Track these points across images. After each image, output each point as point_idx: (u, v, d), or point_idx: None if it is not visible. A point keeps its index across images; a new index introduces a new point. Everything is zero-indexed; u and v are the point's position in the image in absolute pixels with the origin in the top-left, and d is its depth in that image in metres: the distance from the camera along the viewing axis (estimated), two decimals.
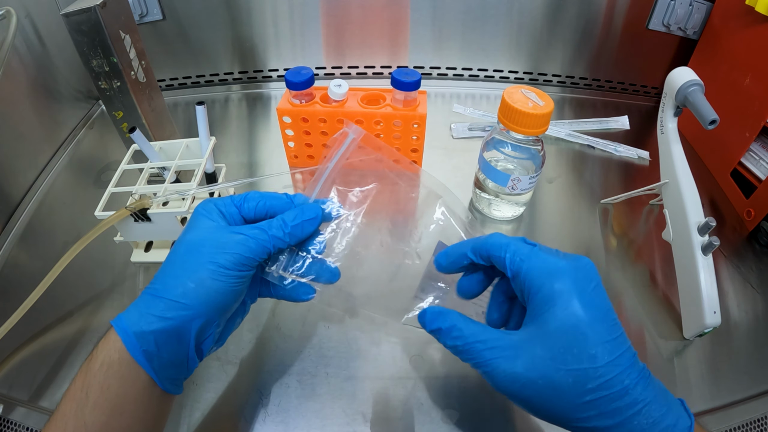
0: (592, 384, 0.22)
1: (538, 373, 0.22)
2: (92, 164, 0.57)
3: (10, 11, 0.45)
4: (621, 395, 0.21)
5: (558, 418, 0.23)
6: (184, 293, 0.25)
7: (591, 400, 0.22)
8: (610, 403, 0.22)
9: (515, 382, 0.23)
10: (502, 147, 0.45)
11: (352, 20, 0.65)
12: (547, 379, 0.22)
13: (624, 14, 0.63)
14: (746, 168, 0.50)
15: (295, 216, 0.28)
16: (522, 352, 0.23)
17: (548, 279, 0.23)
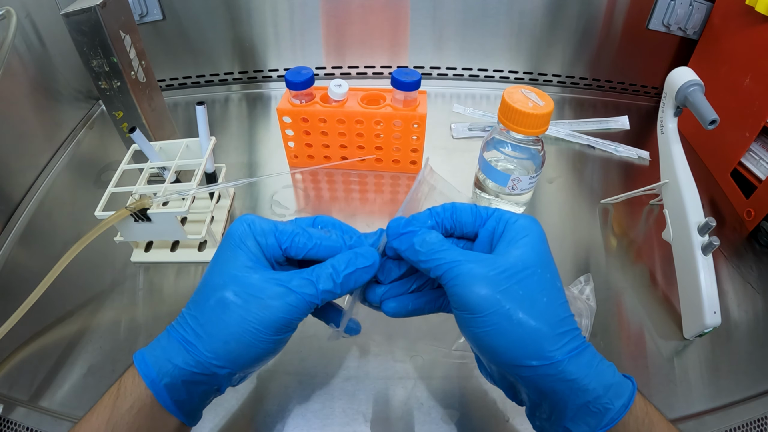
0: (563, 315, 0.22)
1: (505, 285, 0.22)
2: (92, 164, 0.57)
3: (10, 11, 0.45)
4: (576, 326, 0.23)
5: (526, 349, 0.22)
6: (220, 354, 0.23)
7: (562, 331, 0.22)
8: (573, 333, 0.22)
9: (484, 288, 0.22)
10: (502, 147, 0.45)
11: (352, 20, 0.65)
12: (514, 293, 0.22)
13: (624, 14, 0.63)
14: (746, 168, 0.50)
15: (348, 263, 0.24)
16: (499, 264, 0.23)
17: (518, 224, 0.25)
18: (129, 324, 0.40)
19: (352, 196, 0.53)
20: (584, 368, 0.22)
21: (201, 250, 0.45)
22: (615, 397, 0.22)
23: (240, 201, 0.52)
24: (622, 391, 0.22)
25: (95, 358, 0.37)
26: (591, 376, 0.22)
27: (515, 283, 0.22)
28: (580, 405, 0.22)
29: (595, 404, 0.22)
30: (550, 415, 0.23)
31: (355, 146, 0.52)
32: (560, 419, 0.22)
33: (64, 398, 0.35)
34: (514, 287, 0.22)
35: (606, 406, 0.22)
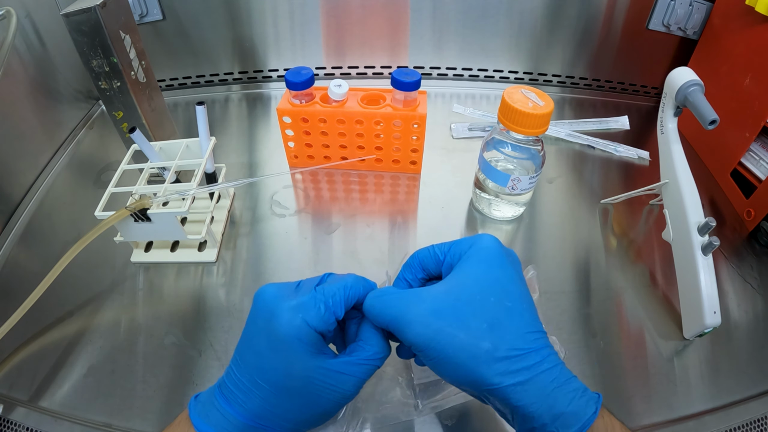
0: (503, 335, 0.23)
1: (446, 317, 0.23)
2: (92, 164, 0.57)
3: (10, 11, 0.45)
4: (531, 351, 0.23)
5: (468, 376, 0.23)
6: (283, 425, 0.25)
7: (503, 356, 0.23)
8: (520, 360, 0.22)
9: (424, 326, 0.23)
10: (502, 147, 0.45)
11: (352, 20, 0.65)
12: (455, 322, 0.23)
13: (624, 14, 0.63)
14: (746, 168, 0.50)
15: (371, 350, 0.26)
16: (432, 297, 0.24)
17: (463, 250, 0.26)
18: (129, 324, 0.40)
19: (352, 196, 0.53)
20: (531, 395, 0.22)
21: (201, 250, 0.45)
22: (562, 426, 0.22)
23: (240, 201, 0.52)
24: (572, 421, 0.22)
25: (95, 358, 0.37)
26: (538, 403, 0.22)
27: (446, 314, 0.23)
28: (528, 429, 0.23)
29: (540, 431, 0.22)
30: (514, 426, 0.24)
31: (355, 146, 0.52)
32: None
33: (64, 398, 0.35)
34: (443, 320, 0.23)
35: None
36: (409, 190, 0.53)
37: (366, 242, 0.47)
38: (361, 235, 0.48)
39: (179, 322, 0.40)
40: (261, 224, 0.49)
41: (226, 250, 0.46)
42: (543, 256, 0.46)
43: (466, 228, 0.49)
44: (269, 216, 0.50)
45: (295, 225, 0.49)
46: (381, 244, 0.47)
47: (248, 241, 0.47)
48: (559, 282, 0.44)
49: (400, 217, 0.50)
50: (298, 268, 0.44)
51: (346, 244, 0.47)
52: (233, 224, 0.49)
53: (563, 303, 0.42)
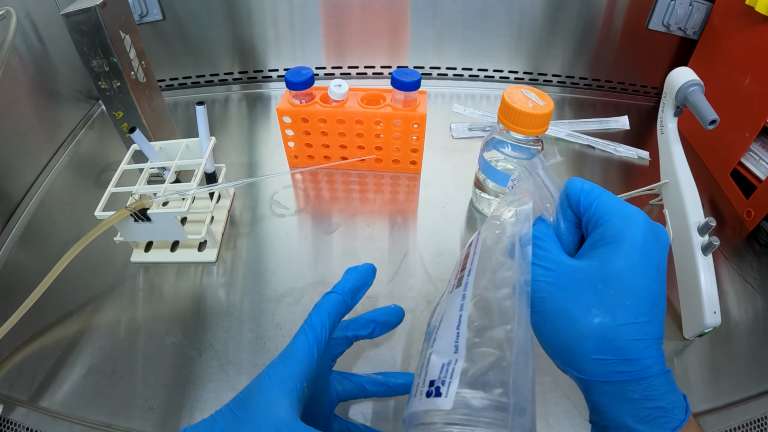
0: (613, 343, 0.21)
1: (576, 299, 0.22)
2: (92, 164, 0.57)
3: (10, 11, 0.45)
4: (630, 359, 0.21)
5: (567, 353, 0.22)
6: None
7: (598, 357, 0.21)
8: (614, 364, 0.21)
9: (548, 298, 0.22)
10: (502, 147, 0.45)
11: (352, 20, 0.65)
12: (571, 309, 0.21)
13: (624, 14, 0.63)
14: (746, 168, 0.50)
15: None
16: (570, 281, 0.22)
17: (620, 217, 0.22)
18: (129, 324, 0.40)
19: (352, 196, 0.53)
20: (604, 396, 0.21)
21: (201, 250, 0.45)
22: None
23: (240, 201, 0.52)
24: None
25: (95, 358, 0.37)
26: (609, 405, 0.21)
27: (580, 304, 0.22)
28: (596, 420, 0.22)
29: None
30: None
31: (355, 146, 0.52)
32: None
33: (64, 398, 0.35)
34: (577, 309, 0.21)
35: None
36: (409, 190, 0.53)
37: (366, 242, 0.47)
38: (361, 235, 0.48)
39: (179, 322, 0.40)
40: (261, 224, 0.49)
41: (226, 250, 0.46)
42: None
43: (465, 228, 0.49)
44: (269, 216, 0.50)
45: (295, 225, 0.49)
46: (381, 244, 0.47)
47: (248, 241, 0.47)
48: None
49: (400, 217, 0.50)
50: (298, 268, 0.44)
51: (346, 244, 0.47)
52: (233, 224, 0.49)
53: None
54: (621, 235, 0.22)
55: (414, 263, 0.45)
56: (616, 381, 0.21)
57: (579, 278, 0.22)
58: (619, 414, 0.21)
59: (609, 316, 0.21)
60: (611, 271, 0.21)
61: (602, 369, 0.21)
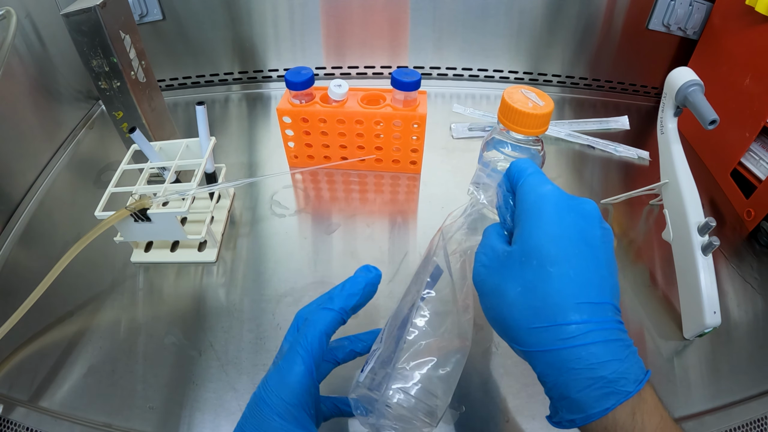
0: (542, 322, 0.22)
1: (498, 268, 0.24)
2: (92, 164, 0.57)
3: (10, 11, 0.45)
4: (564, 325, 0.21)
5: (502, 330, 0.24)
6: None
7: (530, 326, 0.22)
8: (549, 331, 0.22)
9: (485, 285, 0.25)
10: (502, 147, 0.45)
11: (352, 20, 0.65)
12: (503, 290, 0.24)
13: (624, 14, 0.63)
14: (746, 168, 0.50)
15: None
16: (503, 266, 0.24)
17: (533, 194, 0.25)
18: (129, 324, 0.40)
19: (352, 196, 0.53)
20: (543, 365, 0.22)
21: (201, 250, 0.45)
22: (566, 410, 0.22)
23: (240, 201, 0.52)
24: (575, 408, 0.21)
25: (95, 358, 0.37)
26: (551, 376, 0.22)
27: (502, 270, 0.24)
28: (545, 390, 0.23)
29: (553, 403, 0.23)
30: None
31: (355, 146, 0.52)
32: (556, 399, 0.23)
33: (64, 398, 0.35)
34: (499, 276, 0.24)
35: (556, 410, 0.23)
36: (409, 190, 0.53)
37: (366, 242, 0.47)
38: (361, 235, 0.48)
39: (179, 322, 0.40)
40: (261, 224, 0.49)
41: (226, 250, 0.46)
42: None
43: None
44: (269, 216, 0.50)
45: (295, 225, 0.49)
46: (381, 244, 0.47)
47: (248, 241, 0.47)
48: None
49: (400, 217, 0.50)
50: (298, 268, 0.44)
51: (346, 244, 0.47)
52: (233, 224, 0.49)
53: None
54: (535, 211, 0.24)
55: (414, 263, 0.45)
56: (551, 350, 0.22)
57: (508, 258, 0.24)
58: (559, 384, 0.22)
59: (534, 285, 0.22)
60: (530, 244, 0.23)
61: (537, 338, 0.22)
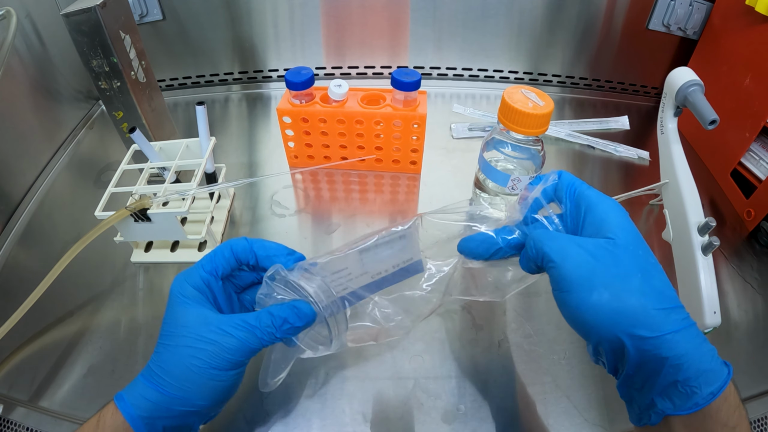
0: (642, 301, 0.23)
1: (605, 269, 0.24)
2: (92, 164, 0.57)
3: (10, 11, 0.45)
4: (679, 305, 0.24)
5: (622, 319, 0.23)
6: (188, 392, 0.25)
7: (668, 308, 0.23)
8: (675, 311, 0.23)
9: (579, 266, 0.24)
10: (502, 147, 0.45)
11: (352, 20, 0.65)
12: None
13: (624, 14, 0.63)
14: (746, 168, 0.50)
15: (285, 320, 0.27)
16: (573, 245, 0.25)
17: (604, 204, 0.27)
18: (129, 324, 0.40)
19: (352, 196, 0.53)
20: (683, 346, 0.23)
21: (201, 250, 0.45)
22: (705, 383, 0.22)
23: (240, 201, 0.52)
24: (713, 378, 0.22)
25: (95, 358, 0.37)
26: (688, 356, 0.22)
27: (615, 261, 0.24)
28: (671, 382, 0.22)
29: (683, 385, 0.22)
30: (642, 386, 0.24)
31: (355, 146, 0.52)
32: (650, 391, 0.23)
33: (64, 398, 0.35)
34: (613, 265, 0.24)
35: (693, 390, 0.22)
36: (409, 190, 0.53)
37: None
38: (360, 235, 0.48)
39: None
40: (261, 224, 0.49)
41: None
42: None
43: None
44: (269, 216, 0.50)
45: (295, 225, 0.49)
46: None
47: None
48: None
49: (400, 217, 0.50)
50: None
51: None
52: (233, 224, 0.49)
53: None
54: (616, 209, 0.27)
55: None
56: (682, 329, 0.23)
57: (613, 250, 0.25)
58: (687, 364, 0.22)
59: (650, 272, 0.24)
60: (630, 237, 0.25)
61: (666, 319, 0.23)
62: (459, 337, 0.39)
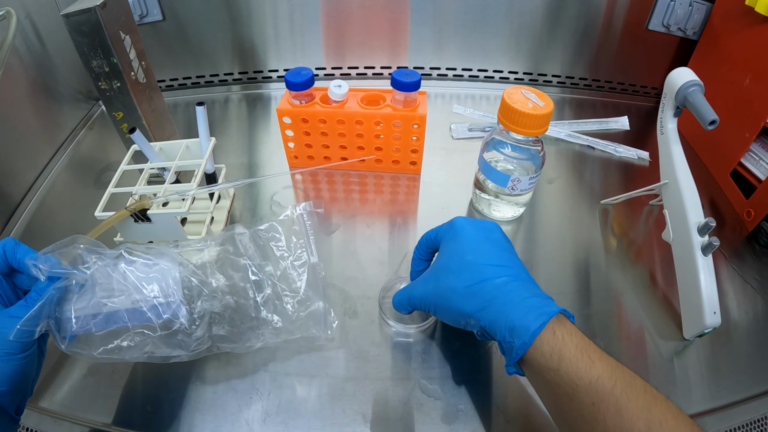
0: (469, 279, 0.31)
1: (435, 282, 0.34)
2: (92, 165, 0.57)
3: (10, 11, 0.45)
4: (486, 279, 0.31)
5: (453, 312, 0.32)
6: None
7: (466, 292, 0.31)
8: (480, 290, 0.31)
9: (424, 295, 0.34)
10: (502, 147, 0.45)
11: (352, 21, 0.65)
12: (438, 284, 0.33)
13: (624, 15, 0.63)
14: (746, 168, 0.50)
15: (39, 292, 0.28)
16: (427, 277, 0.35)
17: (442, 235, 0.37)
18: None
19: (352, 196, 0.53)
20: (490, 316, 0.30)
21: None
22: (517, 337, 0.28)
23: (240, 201, 0.52)
24: (522, 332, 0.28)
25: None
26: (497, 322, 0.29)
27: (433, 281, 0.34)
28: (499, 343, 0.30)
29: (503, 342, 0.29)
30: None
31: (354, 147, 0.52)
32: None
33: (64, 398, 0.35)
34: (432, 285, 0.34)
35: (510, 345, 0.28)
36: (409, 190, 0.53)
37: (366, 242, 0.47)
38: (361, 236, 0.48)
39: None
40: None
41: None
42: (543, 256, 0.46)
43: None
44: (269, 216, 0.49)
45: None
46: (381, 244, 0.47)
47: None
48: (559, 282, 0.44)
49: (399, 217, 0.50)
50: None
51: (346, 244, 0.47)
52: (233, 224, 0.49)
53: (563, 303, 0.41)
54: (452, 233, 0.35)
55: None
56: (490, 299, 0.30)
57: (438, 268, 0.34)
58: (505, 321, 0.29)
59: (460, 267, 0.32)
60: (450, 252, 0.34)
61: (475, 297, 0.31)
62: (459, 338, 0.39)
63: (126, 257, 0.32)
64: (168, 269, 0.31)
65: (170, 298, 0.31)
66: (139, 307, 0.30)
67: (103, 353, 0.31)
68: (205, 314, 0.32)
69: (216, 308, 0.33)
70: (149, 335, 0.31)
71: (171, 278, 0.31)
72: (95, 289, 0.30)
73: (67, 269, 0.29)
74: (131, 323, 0.30)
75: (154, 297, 0.30)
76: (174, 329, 0.31)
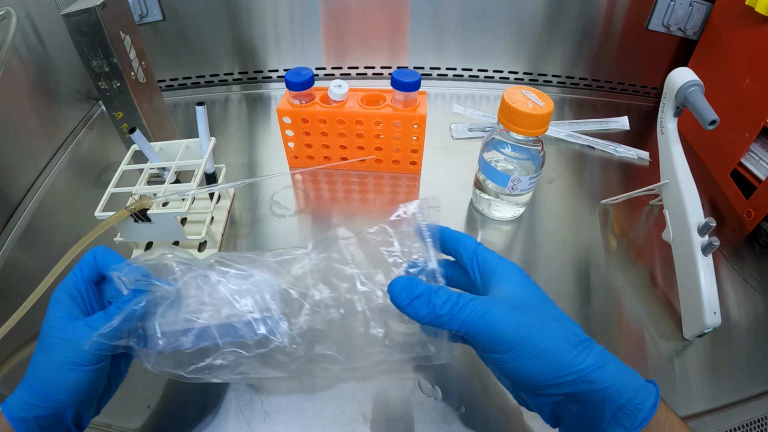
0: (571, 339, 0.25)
1: (527, 319, 0.25)
2: (92, 165, 0.57)
3: (10, 11, 0.45)
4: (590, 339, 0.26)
5: (554, 366, 0.25)
6: (50, 388, 0.27)
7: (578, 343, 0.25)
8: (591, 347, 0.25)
9: (501, 325, 0.25)
10: (502, 147, 0.45)
11: (352, 21, 0.65)
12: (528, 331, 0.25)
13: (624, 15, 0.63)
14: (746, 168, 0.50)
15: (123, 309, 0.28)
16: (498, 305, 0.26)
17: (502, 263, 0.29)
18: None
19: (352, 196, 0.53)
20: (613, 375, 0.24)
21: (201, 251, 0.45)
22: (645, 397, 0.23)
23: (240, 201, 0.52)
24: (649, 392, 0.24)
25: None
26: (621, 381, 0.24)
27: (531, 316, 0.25)
28: (617, 408, 0.23)
29: (628, 406, 0.23)
30: (590, 423, 0.24)
31: (355, 147, 0.52)
32: (599, 425, 0.24)
33: None
34: (531, 320, 0.25)
35: (638, 407, 0.23)
36: (409, 190, 0.53)
37: None
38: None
39: None
40: (261, 224, 0.49)
41: (226, 251, 0.46)
42: (543, 256, 0.46)
43: (465, 229, 0.49)
44: (269, 216, 0.50)
45: (295, 225, 0.49)
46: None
47: (248, 241, 0.47)
48: (558, 282, 0.44)
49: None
50: None
51: None
52: (233, 224, 0.49)
53: (563, 303, 0.42)
54: (511, 267, 0.28)
55: None
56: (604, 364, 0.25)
57: (525, 305, 0.26)
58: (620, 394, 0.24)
59: (562, 317, 0.27)
60: (534, 293, 0.27)
61: (585, 356, 0.25)
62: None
63: (218, 268, 0.29)
64: (265, 281, 0.28)
65: (266, 314, 0.28)
66: (232, 322, 0.27)
67: (193, 372, 0.28)
68: (307, 331, 0.29)
69: (319, 324, 0.29)
70: (242, 354, 0.28)
71: (268, 291, 0.28)
72: (183, 303, 0.28)
73: (151, 281, 0.28)
74: (222, 340, 0.28)
75: (248, 311, 0.27)
76: (271, 348, 0.28)
